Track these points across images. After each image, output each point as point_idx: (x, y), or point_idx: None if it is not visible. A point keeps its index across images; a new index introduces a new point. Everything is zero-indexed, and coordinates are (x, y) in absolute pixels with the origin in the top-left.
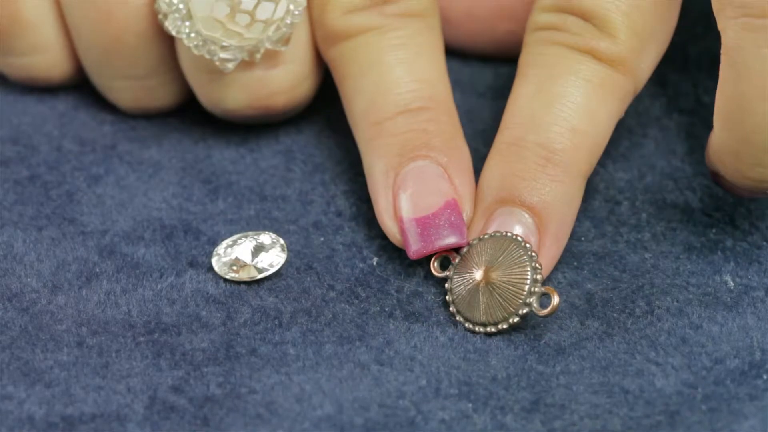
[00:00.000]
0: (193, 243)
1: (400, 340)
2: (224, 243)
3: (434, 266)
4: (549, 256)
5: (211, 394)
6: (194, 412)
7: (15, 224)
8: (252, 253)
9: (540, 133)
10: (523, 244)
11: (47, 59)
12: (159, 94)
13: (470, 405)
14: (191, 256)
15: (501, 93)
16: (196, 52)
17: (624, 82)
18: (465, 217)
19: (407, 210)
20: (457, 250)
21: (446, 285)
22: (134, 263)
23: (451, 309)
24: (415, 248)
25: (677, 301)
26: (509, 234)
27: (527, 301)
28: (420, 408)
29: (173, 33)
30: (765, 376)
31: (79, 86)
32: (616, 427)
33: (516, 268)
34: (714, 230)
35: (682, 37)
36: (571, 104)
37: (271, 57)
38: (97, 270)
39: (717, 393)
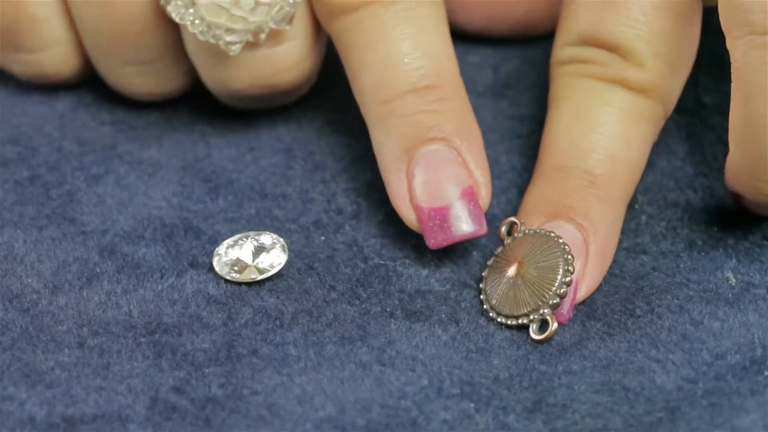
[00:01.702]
0: (193, 242)
1: (402, 339)
2: (225, 243)
3: (501, 232)
4: (594, 273)
5: (213, 395)
6: (196, 413)
7: (15, 225)
8: (253, 254)
9: (582, 160)
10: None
11: (56, 54)
12: (165, 80)
13: (472, 405)
14: (192, 255)
15: (501, 92)
16: (201, 38)
17: (655, 108)
18: (482, 205)
19: (424, 199)
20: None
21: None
22: (135, 263)
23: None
24: (434, 240)
25: (678, 299)
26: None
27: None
28: (422, 408)
29: (177, 20)
30: (766, 372)
31: (79, 87)
32: (618, 425)
33: (549, 269)
34: (715, 228)
35: None
36: (607, 132)
37: (275, 35)
38: (98, 270)
39: (718, 388)
